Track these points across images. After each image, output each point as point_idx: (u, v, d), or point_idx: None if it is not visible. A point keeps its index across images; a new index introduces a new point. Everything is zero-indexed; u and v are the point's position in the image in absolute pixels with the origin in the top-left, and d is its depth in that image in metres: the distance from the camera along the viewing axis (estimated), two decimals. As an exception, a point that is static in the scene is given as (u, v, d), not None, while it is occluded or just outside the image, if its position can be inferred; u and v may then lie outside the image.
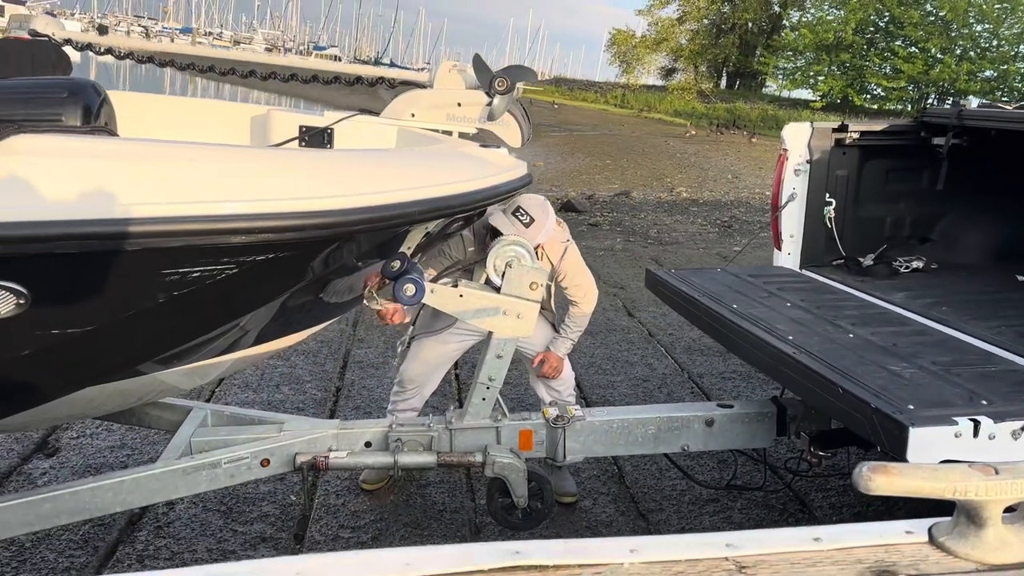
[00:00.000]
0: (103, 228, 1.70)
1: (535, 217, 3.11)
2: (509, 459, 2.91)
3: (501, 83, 3.01)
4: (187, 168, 1.84)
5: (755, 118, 34.22)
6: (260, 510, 3.36)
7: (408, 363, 3.49)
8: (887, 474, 1.15)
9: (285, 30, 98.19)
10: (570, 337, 3.52)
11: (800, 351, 2.79)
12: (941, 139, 4.01)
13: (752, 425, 3.21)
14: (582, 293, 3.48)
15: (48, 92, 2.05)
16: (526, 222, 3.09)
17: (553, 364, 3.48)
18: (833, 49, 38.20)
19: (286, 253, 1.99)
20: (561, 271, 3.42)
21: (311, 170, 2.04)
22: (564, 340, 3.51)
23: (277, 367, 4.87)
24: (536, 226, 3.11)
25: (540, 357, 3.49)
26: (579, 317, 3.51)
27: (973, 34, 36.29)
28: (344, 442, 2.90)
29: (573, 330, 3.51)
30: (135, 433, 3.92)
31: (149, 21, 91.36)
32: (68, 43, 3.18)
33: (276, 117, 3.19)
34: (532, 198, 3.19)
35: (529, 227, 3.09)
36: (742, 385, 5.05)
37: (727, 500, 3.64)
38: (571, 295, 3.50)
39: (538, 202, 3.19)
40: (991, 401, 2.38)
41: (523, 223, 3.09)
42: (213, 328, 2.23)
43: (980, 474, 1.16)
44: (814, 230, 4.05)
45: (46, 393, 2.12)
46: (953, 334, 3.10)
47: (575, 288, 3.48)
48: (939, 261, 4.17)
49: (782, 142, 4.03)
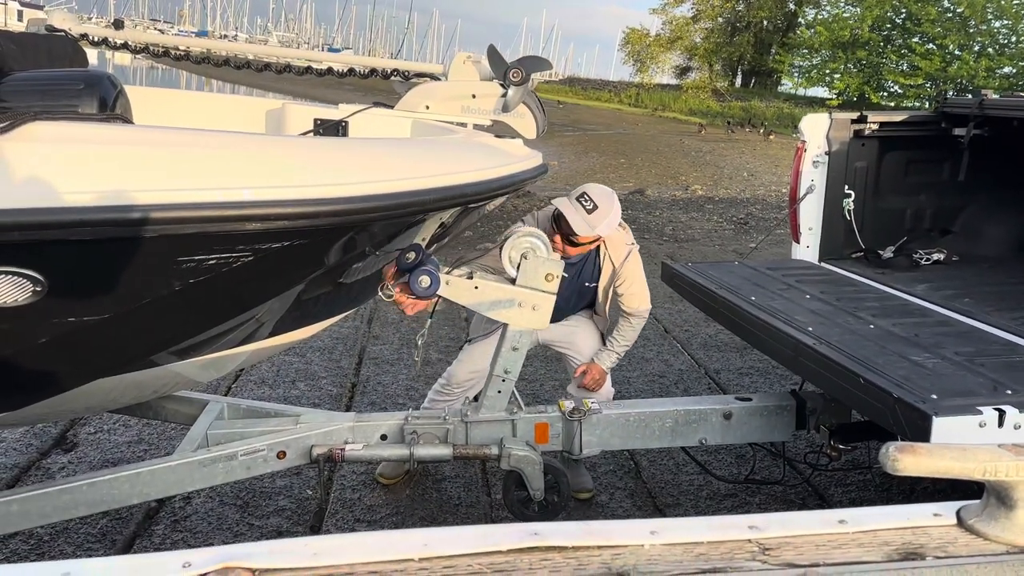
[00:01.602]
0: (118, 215, 1.70)
1: (599, 204, 3.08)
2: (525, 452, 2.89)
3: (516, 74, 2.99)
4: (202, 155, 1.84)
5: (771, 116, 34.04)
6: (276, 504, 3.36)
7: (459, 366, 3.46)
8: (915, 454, 1.12)
9: (299, 32, 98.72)
10: (616, 351, 3.46)
11: (820, 342, 2.76)
12: (962, 130, 3.95)
13: (771, 418, 3.17)
14: (636, 303, 3.41)
15: (65, 84, 2.05)
16: (589, 208, 3.06)
17: (595, 376, 3.43)
18: (849, 46, 37.89)
19: (301, 241, 1.98)
20: (620, 275, 3.36)
21: (326, 158, 2.04)
22: (610, 353, 3.45)
23: (292, 363, 4.88)
24: (599, 214, 3.08)
25: (583, 368, 3.44)
26: (628, 331, 3.45)
27: (992, 30, 35.88)
28: (360, 435, 2.89)
29: (620, 344, 3.45)
30: (152, 428, 3.93)
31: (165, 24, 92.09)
32: (84, 38, 3.19)
33: (291, 110, 3.19)
34: (598, 187, 3.17)
35: (592, 213, 3.06)
36: (760, 381, 5.01)
37: (745, 495, 3.60)
38: (625, 303, 3.42)
39: (604, 191, 3.16)
40: (1016, 391, 2.34)
41: (586, 208, 3.06)
42: (228, 318, 2.23)
43: (1011, 454, 1.12)
44: (833, 222, 4.01)
45: (62, 383, 2.12)
46: (976, 325, 3.05)
47: (630, 296, 3.40)
48: (960, 253, 4.12)
49: (800, 134, 3.99)
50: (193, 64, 3.36)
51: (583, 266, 3.38)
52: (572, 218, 3.06)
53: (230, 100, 3.36)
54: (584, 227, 3.08)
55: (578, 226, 3.08)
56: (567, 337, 3.52)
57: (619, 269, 3.35)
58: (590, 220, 3.05)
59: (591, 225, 3.06)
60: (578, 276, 3.35)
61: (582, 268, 3.38)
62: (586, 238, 3.14)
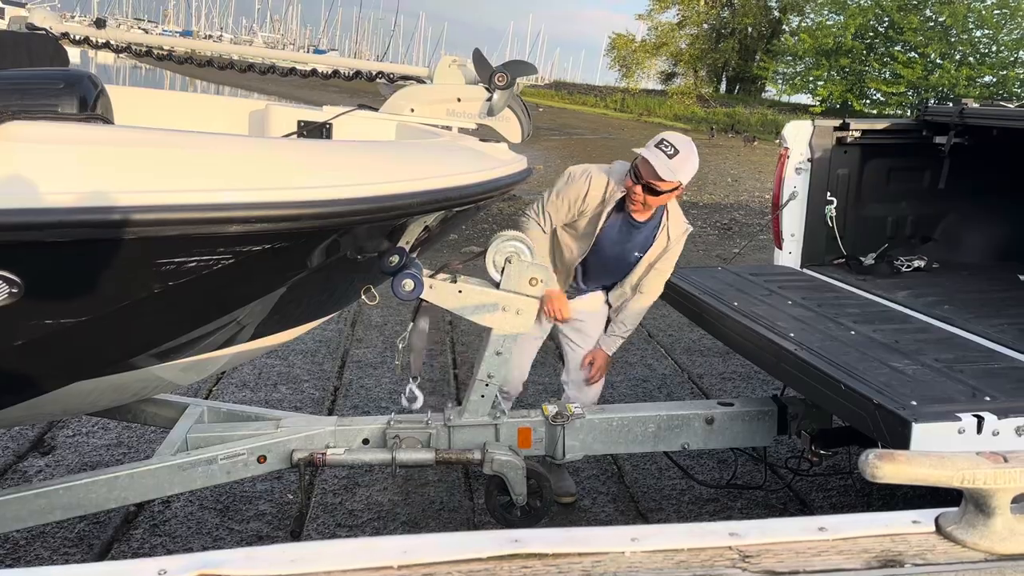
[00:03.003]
0: (97, 216, 1.68)
1: (680, 149, 3.01)
2: (508, 457, 2.88)
3: (501, 78, 2.98)
4: (183, 156, 1.82)
5: (755, 122, 34.23)
6: (256, 508, 3.33)
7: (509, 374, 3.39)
8: (894, 462, 1.12)
9: (285, 33, 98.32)
10: (621, 335, 3.42)
11: (802, 348, 2.77)
12: (943, 138, 3.99)
13: (752, 423, 3.19)
14: (660, 284, 3.36)
15: (44, 83, 2.02)
16: (670, 153, 2.99)
17: (600, 364, 3.42)
18: (833, 54, 38.21)
19: (283, 244, 1.96)
20: (668, 253, 3.27)
21: (309, 160, 2.02)
22: (616, 338, 3.42)
23: (275, 366, 4.84)
24: (680, 158, 3.00)
25: (590, 357, 3.42)
26: (636, 313, 3.39)
27: (972, 39, 36.31)
28: (342, 439, 2.88)
29: (627, 327, 3.41)
30: (131, 431, 3.89)
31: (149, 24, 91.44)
32: (65, 36, 3.16)
33: (275, 112, 3.17)
34: (676, 134, 3.10)
35: (673, 159, 2.99)
36: (742, 385, 5.03)
37: (727, 500, 3.61)
38: (649, 281, 3.33)
39: (683, 138, 3.09)
40: (995, 397, 2.36)
41: (667, 154, 2.99)
42: (209, 321, 2.21)
43: (989, 462, 1.13)
44: (815, 229, 4.04)
45: (39, 386, 2.10)
46: (955, 332, 3.08)
47: (658, 275, 3.32)
48: (941, 260, 4.15)
49: (783, 140, 4.02)
50: (176, 64, 3.33)
51: (642, 232, 3.26)
52: (656, 162, 2.98)
53: (213, 101, 3.34)
54: (667, 171, 2.99)
55: (662, 170, 2.98)
56: (577, 307, 3.42)
57: (671, 245, 3.26)
58: (672, 165, 2.98)
59: (673, 170, 2.98)
60: (630, 241, 3.26)
61: (641, 236, 3.26)
62: (669, 184, 3.03)
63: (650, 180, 3.02)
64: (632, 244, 3.27)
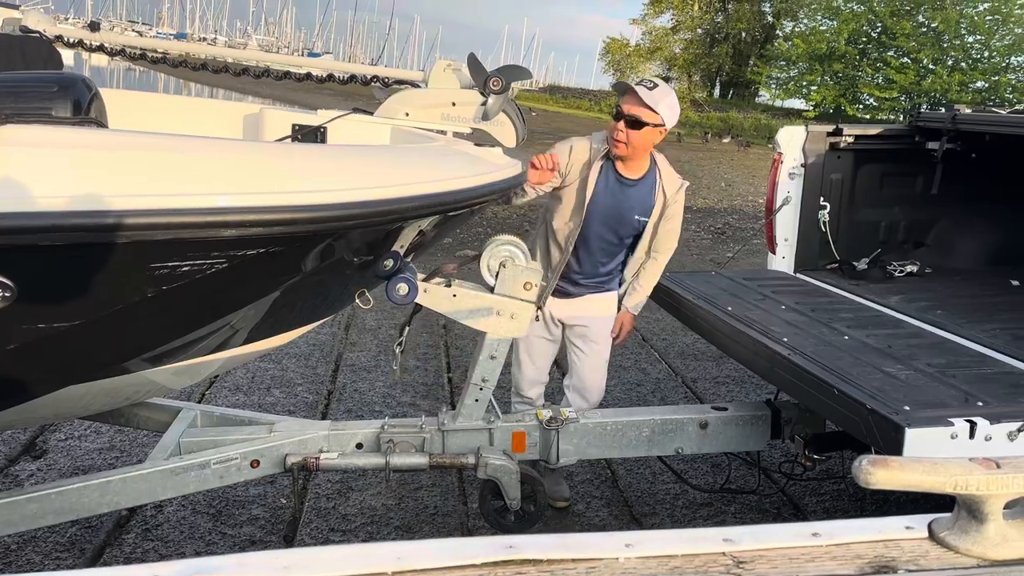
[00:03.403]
0: (91, 220, 1.67)
1: (659, 84, 3.10)
2: (502, 461, 2.88)
3: (496, 83, 2.98)
4: (177, 160, 1.81)
5: (748, 127, 34.33)
6: (249, 513, 3.32)
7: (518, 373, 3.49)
8: (887, 467, 1.13)
9: (280, 36, 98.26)
10: (645, 290, 3.42)
11: (795, 352, 2.78)
12: (935, 143, 4.01)
13: (746, 428, 3.19)
14: (672, 241, 3.35)
15: (38, 86, 2.02)
16: (649, 86, 3.08)
17: (628, 329, 3.45)
18: (826, 59, 38.39)
19: (277, 248, 1.96)
20: (669, 212, 3.27)
21: (304, 164, 2.02)
22: (637, 293, 3.41)
23: (268, 370, 4.83)
24: (660, 91, 3.07)
25: (618, 326, 3.41)
26: (655, 268, 3.40)
27: (965, 45, 36.53)
28: (335, 443, 2.87)
29: (648, 282, 3.41)
30: (124, 435, 3.88)
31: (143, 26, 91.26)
32: (59, 39, 3.15)
33: (269, 115, 3.16)
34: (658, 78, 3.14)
35: (653, 90, 3.06)
36: (736, 390, 5.04)
37: (721, 504, 3.62)
38: (661, 241, 3.33)
39: (663, 83, 3.17)
40: (987, 403, 2.37)
41: (647, 87, 3.07)
42: (203, 325, 2.20)
43: (982, 468, 1.14)
44: (808, 234, 4.05)
45: (31, 390, 2.08)
46: (948, 337, 3.09)
47: (669, 234, 3.32)
48: (933, 265, 4.17)
49: (776, 146, 4.03)
50: (170, 67, 3.32)
51: (639, 192, 3.26)
52: (638, 92, 3.04)
53: (207, 104, 3.33)
54: (649, 98, 3.03)
55: (644, 95, 3.03)
56: (584, 311, 3.41)
57: (669, 202, 3.26)
58: (653, 96, 3.03)
59: (654, 100, 3.03)
60: (626, 202, 3.25)
61: (637, 195, 3.26)
62: (650, 115, 3.05)
63: (631, 110, 3.06)
64: (629, 205, 3.24)
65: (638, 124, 3.06)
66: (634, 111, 3.06)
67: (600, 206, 3.21)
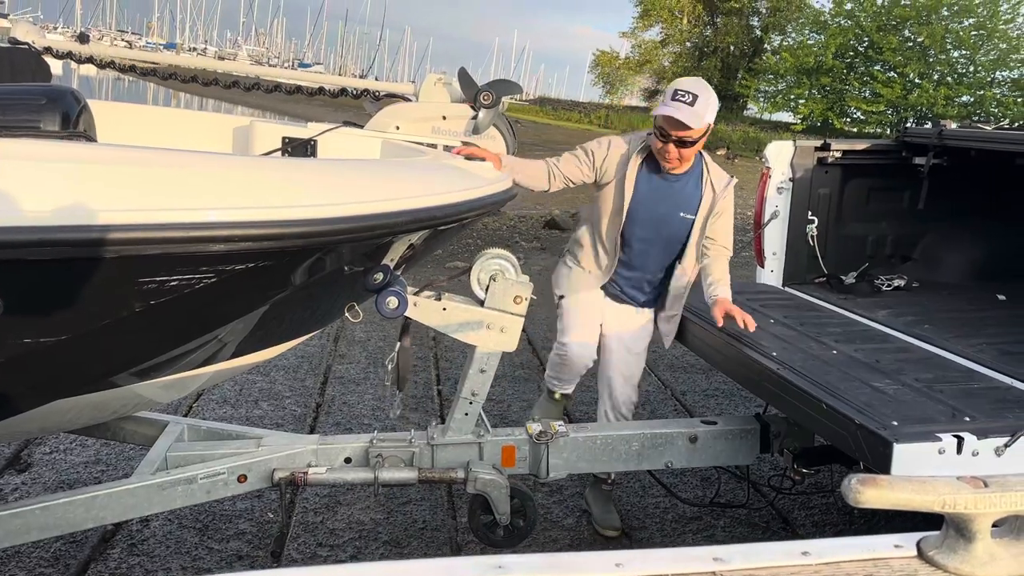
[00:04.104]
0: (78, 235, 1.66)
1: (698, 94, 2.89)
2: (491, 475, 2.87)
3: (486, 97, 3.00)
4: (166, 174, 1.81)
5: (736, 139, 34.56)
6: (236, 527, 3.30)
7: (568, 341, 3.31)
8: (876, 486, 1.13)
9: (270, 47, 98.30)
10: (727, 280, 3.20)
11: (784, 367, 2.79)
12: (922, 159, 4.05)
13: (735, 442, 3.20)
14: (728, 238, 3.22)
15: (26, 98, 2.01)
16: (689, 101, 2.87)
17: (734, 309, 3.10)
18: (814, 73, 38.75)
19: (266, 263, 1.96)
20: (719, 207, 3.12)
21: (293, 179, 2.01)
22: (724, 286, 3.18)
23: (256, 382, 4.81)
24: (701, 102, 2.88)
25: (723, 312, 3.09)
26: (723, 270, 3.21)
27: (950, 60, 36.96)
28: (323, 458, 2.85)
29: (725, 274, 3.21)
30: (110, 448, 3.85)
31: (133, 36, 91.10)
32: (48, 51, 3.14)
33: (259, 128, 3.16)
34: (686, 79, 2.97)
35: (695, 104, 2.87)
36: (725, 403, 5.05)
37: (710, 518, 3.61)
38: (715, 239, 3.18)
39: (695, 80, 2.97)
40: (974, 418, 2.38)
41: (687, 103, 2.87)
42: (191, 339, 2.19)
43: (969, 487, 1.14)
44: (797, 248, 4.07)
45: (18, 404, 2.06)
46: (935, 351, 3.11)
47: (723, 232, 3.18)
48: (920, 279, 4.20)
49: (764, 160, 4.06)
50: (160, 79, 3.32)
51: (684, 188, 3.12)
52: (680, 115, 2.86)
53: (197, 117, 3.33)
54: (695, 119, 2.87)
55: (690, 119, 2.86)
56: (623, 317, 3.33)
57: (718, 197, 3.10)
58: (696, 111, 2.87)
59: (700, 116, 2.87)
60: (672, 198, 3.11)
61: (682, 191, 3.12)
62: (698, 131, 2.92)
63: (678, 133, 2.91)
64: (675, 201, 3.11)
65: (689, 142, 2.96)
66: (682, 133, 2.93)
67: (642, 204, 3.09)
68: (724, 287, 3.18)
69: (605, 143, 3.16)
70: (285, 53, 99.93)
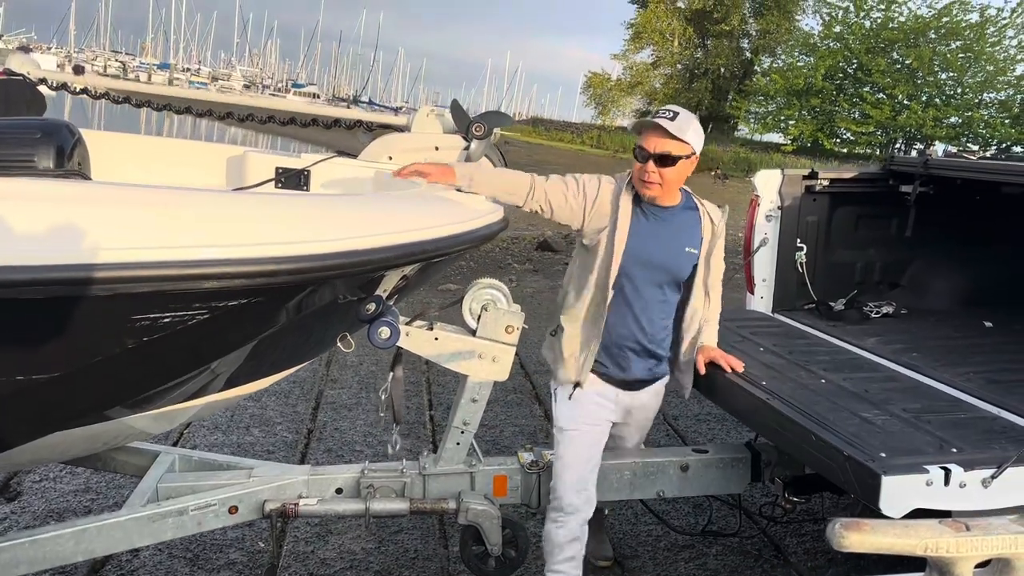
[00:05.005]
0: (73, 273, 1.68)
1: (679, 112, 2.73)
2: (483, 506, 2.87)
3: (478, 128, 3.03)
4: (159, 213, 1.83)
5: (727, 160, 34.79)
6: (227, 557, 3.28)
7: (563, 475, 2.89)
8: (860, 531, 1.15)
9: (264, 67, 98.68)
10: (715, 323, 3.05)
11: (773, 397, 2.80)
12: (909, 187, 4.10)
13: (727, 470, 3.21)
14: (720, 270, 3.01)
15: (21, 132, 2.04)
16: (670, 116, 2.70)
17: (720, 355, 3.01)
18: (803, 94, 39.16)
19: (259, 299, 1.97)
20: (716, 238, 2.90)
21: (285, 215, 2.04)
22: (711, 327, 3.04)
23: (247, 408, 4.80)
24: (683, 118, 2.70)
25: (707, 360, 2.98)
26: (717, 302, 3.04)
27: (939, 82, 37.41)
28: (314, 488, 2.85)
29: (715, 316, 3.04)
30: (100, 476, 3.83)
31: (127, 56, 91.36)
32: (43, 82, 3.16)
33: (253, 159, 3.18)
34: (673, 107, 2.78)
35: (675, 120, 2.68)
36: (716, 427, 5.06)
37: (702, 546, 3.62)
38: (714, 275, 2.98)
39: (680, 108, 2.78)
40: (961, 449, 2.40)
41: (668, 118, 2.69)
42: (183, 373, 2.20)
43: (951, 531, 1.16)
44: (786, 275, 4.11)
45: (11, 439, 2.07)
46: (923, 380, 3.14)
47: (718, 263, 2.97)
48: (909, 306, 4.23)
49: (753, 188, 4.10)
50: (154, 110, 3.35)
51: (683, 222, 2.87)
52: (660, 123, 2.68)
53: (190, 147, 3.35)
54: (675, 128, 2.67)
55: (670, 127, 2.67)
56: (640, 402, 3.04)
57: (717, 229, 2.89)
58: (677, 125, 2.68)
59: (680, 129, 2.67)
60: (670, 231, 2.85)
61: (682, 225, 2.87)
62: (680, 146, 2.70)
63: (658, 147, 2.70)
64: (676, 236, 2.84)
65: (669, 160, 2.71)
66: (662, 147, 2.69)
67: (641, 245, 2.79)
68: (711, 331, 3.04)
69: (597, 181, 2.87)
70: (279, 74, 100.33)
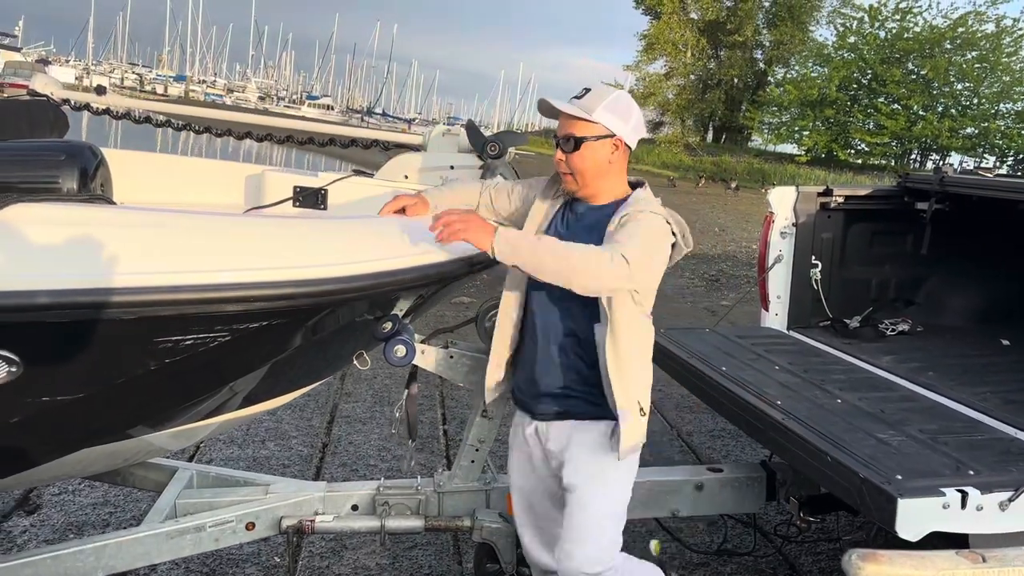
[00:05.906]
0: (97, 297, 1.71)
1: (591, 87, 2.38)
2: (498, 524, 2.88)
3: (493, 148, 3.07)
4: (182, 237, 1.86)
5: (741, 171, 34.74)
6: (244, 572, 3.30)
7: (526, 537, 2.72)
8: (876, 562, 1.16)
9: (279, 79, 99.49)
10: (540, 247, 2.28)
11: (789, 417, 2.80)
12: (924, 204, 4.09)
13: (742, 489, 3.20)
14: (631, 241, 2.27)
15: (45, 155, 2.08)
16: (579, 94, 2.35)
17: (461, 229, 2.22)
18: (817, 105, 39.03)
19: (279, 321, 2.00)
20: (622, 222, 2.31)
21: (305, 238, 2.07)
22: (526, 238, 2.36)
23: (263, 422, 4.83)
24: (593, 95, 2.33)
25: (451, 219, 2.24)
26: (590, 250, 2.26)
27: (954, 92, 37.21)
28: (331, 505, 2.87)
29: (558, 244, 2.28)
30: (118, 490, 3.86)
31: (143, 69, 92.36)
32: (66, 103, 3.22)
33: (271, 177, 3.23)
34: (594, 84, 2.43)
35: (583, 97, 2.33)
36: (731, 444, 5.05)
37: (717, 564, 3.60)
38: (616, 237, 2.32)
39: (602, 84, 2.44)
40: (978, 471, 2.39)
41: (576, 97, 2.35)
42: (204, 392, 2.23)
43: (968, 561, 1.17)
44: (801, 292, 4.10)
45: (35, 459, 2.11)
46: (940, 400, 3.12)
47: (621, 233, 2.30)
48: (924, 324, 4.22)
49: (768, 205, 4.11)
50: (174, 129, 3.40)
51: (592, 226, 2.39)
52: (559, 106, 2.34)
53: (210, 165, 3.40)
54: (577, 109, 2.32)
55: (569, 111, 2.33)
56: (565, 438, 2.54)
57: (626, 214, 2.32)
58: (583, 103, 2.32)
59: (587, 108, 2.30)
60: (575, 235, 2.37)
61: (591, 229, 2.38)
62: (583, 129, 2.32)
63: (562, 130, 2.37)
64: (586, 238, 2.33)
65: (575, 143, 2.34)
66: (565, 129, 2.36)
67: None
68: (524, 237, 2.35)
69: (537, 180, 2.60)
70: (293, 86, 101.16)
